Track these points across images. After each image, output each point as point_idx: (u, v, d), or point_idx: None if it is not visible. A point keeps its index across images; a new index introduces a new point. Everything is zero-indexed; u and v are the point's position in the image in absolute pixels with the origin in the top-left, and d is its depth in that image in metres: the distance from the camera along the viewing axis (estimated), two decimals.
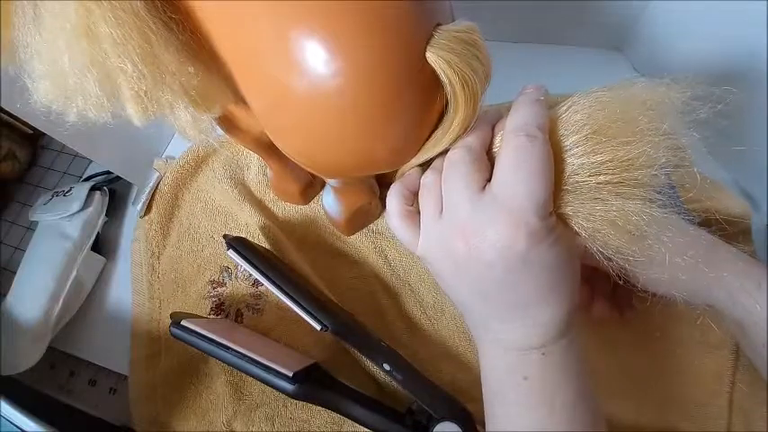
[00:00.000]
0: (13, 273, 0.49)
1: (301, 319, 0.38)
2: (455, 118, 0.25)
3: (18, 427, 0.36)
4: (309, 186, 0.49)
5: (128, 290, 0.49)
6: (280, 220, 0.50)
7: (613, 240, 0.24)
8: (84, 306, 0.49)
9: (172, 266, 0.49)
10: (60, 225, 0.50)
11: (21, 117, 0.40)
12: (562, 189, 0.25)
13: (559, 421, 0.25)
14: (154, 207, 0.51)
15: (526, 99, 0.26)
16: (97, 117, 0.26)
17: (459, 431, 0.34)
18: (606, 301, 0.36)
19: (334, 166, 0.29)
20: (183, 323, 0.38)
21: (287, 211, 0.50)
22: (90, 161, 0.59)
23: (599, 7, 0.53)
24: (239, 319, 0.45)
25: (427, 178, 0.28)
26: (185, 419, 0.42)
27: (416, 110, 0.25)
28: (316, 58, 0.22)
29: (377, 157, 0.27)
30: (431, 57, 0.23)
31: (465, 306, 0.28)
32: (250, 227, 0.48)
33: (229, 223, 0.50)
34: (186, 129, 0.29)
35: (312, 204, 0.50)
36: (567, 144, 0.24)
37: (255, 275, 0.40)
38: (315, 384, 0.37)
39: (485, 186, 0.25)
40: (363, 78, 0.23)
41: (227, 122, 0.37)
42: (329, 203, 0.46)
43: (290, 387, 0.35)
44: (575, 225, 0.25)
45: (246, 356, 0.36)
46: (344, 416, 0.37)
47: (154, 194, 0.51)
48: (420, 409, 0.36)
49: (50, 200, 0.52)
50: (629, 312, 0.36)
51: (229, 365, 0.37)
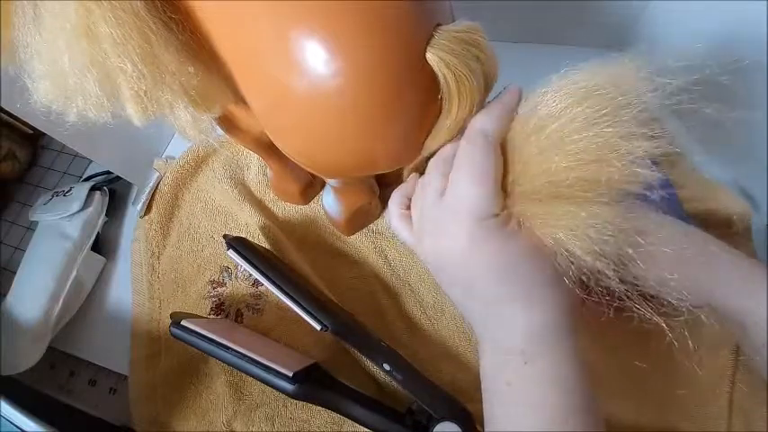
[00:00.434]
0: (13, 273, 0.49)
1: (301, 319, 0.38)
2: (447, 117, 0.25)
3: (18, 427, 0.36)
4: (309, 186, 0.49)
5: (128, 290, 0.49)
6: (280, 220, 0.50)
7: (572, 245, 0.23)
8: (84, 306, 0.49)
9: (172, 266, 0.49)
10: (60, 225, 0.50)
11: (21, 117, 0.40)
12: (516, 189, 0.25)
13: None
14: (154, 207, 0.51)
15: (490, 104, 0.26)
16: (97, 117, 0.26)
17: (459, 431, 0.34)
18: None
19: (334, 166, 0.29)
20: (183, 323, 0.38)
21: (287, 211, 0.50)
22: (90, 161, 0.59)
23: (599, 7, 0.53)
24: (239, 319, 0.45)
25: (415, 184, 0.29)
26: (185, 419, 0.42)
27: (416, 110, 0.25)
28: (316, 58, 0.22)
29: (377, 157, 0.27)
30: (430, 57, 0.23)
31: (456, 303, 0.29)
32: (250, 227, 0.48)
33: (229, 223, 0.50)
34: (186, 129, 0.29)
35: (312, 204, 0.50)
36: (527, 143, 0.25)
37: (255, 275, 0.40)
38: (315, 384, 0.37)
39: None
40: (363, 78, 0.23)
41: (227, 122, 0.37)
42: (329, 203, 0.46)
43: (290, 387, 0.35)
44: (531, 227, 0.24)
45: (246, 356, 0.36)
46: (344, 416, 0.37)
47: (154, 194, 0.51)
48: (420, 409, 0.36)
49: (50, 200, 0.52)
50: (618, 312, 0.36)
51: (229, 365, 0.37)
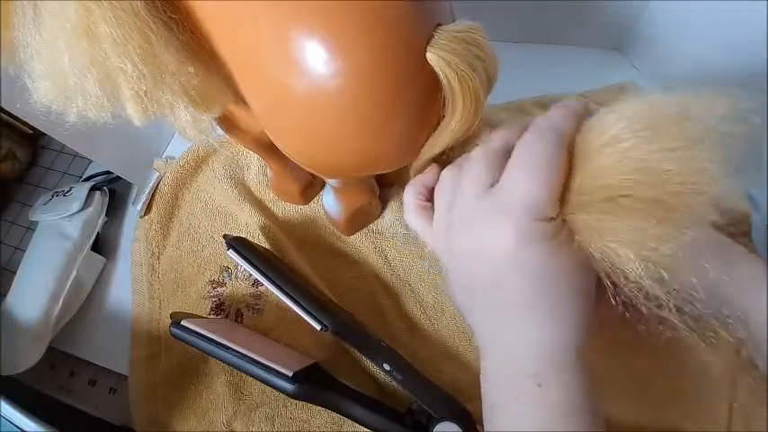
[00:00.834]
0: (13, 273, 0.49)
1: (301, 319, 0.38)
2: (452, 118, 0.25)
3: (18, 427, 0.36)
4: (309, 186, 0.49)
5: (128, 290, 0.49)
6: (280, 220, 0.50)
7: (631, 265, 0.21)
8: (84, 306, 0.49)
9: (172, 266, 0.49)
10: (60, 225, 0.50)
11: (21, 117, 0.40)
12: (575, 198, 0.22)
13: None
14: (154, 207, 0.51)
15: (558, 105, 0.25)
16: (97, 117, 0.26)
17: (460, 431, 0.34)
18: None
19: (334, 166, 0.29)
20: (183, 323, 0.38)
21: (287, 211, 0.50)
22: (90, 161, 0.59)
23: (599, 7, 0.53)
24: (239, 319, 0.45)
25: (445, 174, 0.27)
26: (185, 419, 0.42)
27: (417, 110, 0.25)
28: (316, 58, 0.22)
29: (377, 157, 0.27)
30: (431, 57, 0.23)
31: (465, 306, 0.28)
32: (250, 227, 0.48)
33: (229, 223, 0.50)
34: (186, 129, 0.29)
35: (312, 204, 0.50)
36: (599, 153, 0.22)
37: (255, 275, 0.40)
38: (315, 384, 0.37)
39: (494, 184, 0.24)
40: (363, 78, 0.23)
41: (227, 122, 0.37)
42: (329, 203, 0.46)
43: (290, 387, 0.35)
44: (584, 240, 0.22)
45: (246, 356, 0.36)
46: (344, 416, 0.37)
47: (154, 194, 0.51)
48: (420, 409, 0.36)
49: (50, 200, 0.52)
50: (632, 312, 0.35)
51: (229, 365, 0.37)
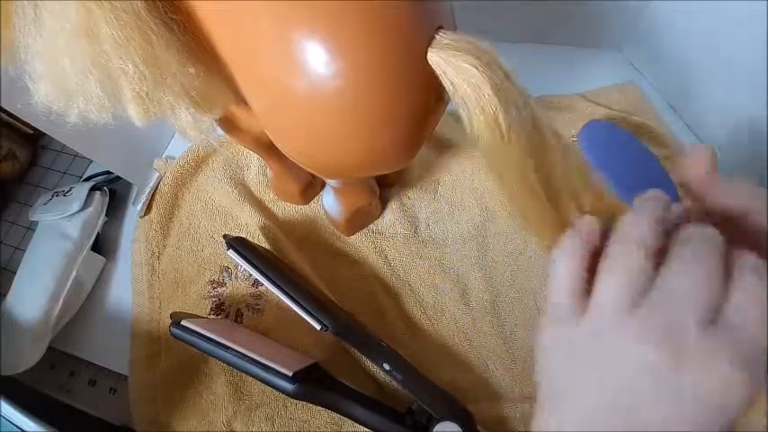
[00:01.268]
0: (13, 273, 0.49)
1: (301, 319, 0.38)
2: (469, 123, 0.22)
3: (18, 427, 0.36)
4: (309, 186, 0.49)
5: (128, 290, 0.49)
6: (280, 220, 0.50)
7: None
8: (84, 306, 0.49)
9: (172, 266, 0.49)
10: (60, 225, 0.50)
11: (21, 117, 0.40)
12: None
13: None
14: (154, 207, 0.51)
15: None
16: (98, 118, 0.26)
17: (460, 431, 0.34)
18: None
19: (334, 166, 0.29)
20: (183, 323, 0.38)
21: (287, 211, 0.50)
22: (90, 161, 0.59)
23: (599, 7, 0.53)
24: (239, 319, 0.45)
25: (633, 256, 0.19)
26: (185, 419, 0.42)
27: (417, 111, 0.25)
28: (316, 58, 0.22)
29: (377, 158, 0.27)
30: (431, 57, 0.23)
31: (558, 380, 0.21)
32: (250, 227, 0.48)
33: (229, 223, 0.50)
34: (187, 129, 0.29)
35: (312, 204, 0.50)
36: None
37: (255, 275, 0.40)
38: (315, 384, 0.37)
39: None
40: (363, 79, 0.23)
41: (227, 123, 0.37)
42: (329, 203, 0.46)
43: (290, 387, 0.35)
44: None
45: (246, 356, 0.36)
46: (344, 416, 0.37)
47: (154, 194, 0.51)
48: (420, 409, 0.36)
49: (50, 200, 0.52)
50: None
51: (229, 365, 0.37)
